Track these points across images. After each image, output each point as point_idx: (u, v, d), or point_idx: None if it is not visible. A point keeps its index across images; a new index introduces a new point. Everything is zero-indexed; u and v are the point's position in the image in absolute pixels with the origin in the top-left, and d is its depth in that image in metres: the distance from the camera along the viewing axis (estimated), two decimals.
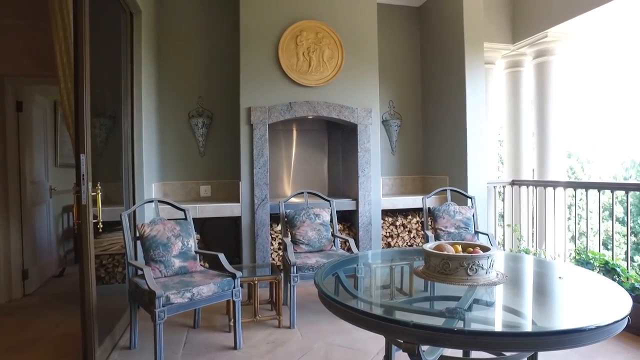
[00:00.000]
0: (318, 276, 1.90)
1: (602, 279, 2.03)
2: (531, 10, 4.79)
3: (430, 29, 5.19)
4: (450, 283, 1.73)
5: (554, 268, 2.52)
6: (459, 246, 1.92)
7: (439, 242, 1.97)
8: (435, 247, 1.87)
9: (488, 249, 1.83)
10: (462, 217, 3.88)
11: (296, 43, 4.30)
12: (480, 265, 1.73)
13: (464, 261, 1.72)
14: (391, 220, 4.76)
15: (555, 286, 2.11)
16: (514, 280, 2.05)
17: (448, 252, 1.81)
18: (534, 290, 2.02)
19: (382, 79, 5.16)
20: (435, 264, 1.79)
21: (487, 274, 1.75)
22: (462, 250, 1.91)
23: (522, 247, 4.51)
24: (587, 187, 3.89)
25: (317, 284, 1.78)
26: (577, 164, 18.50)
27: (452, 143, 4.76)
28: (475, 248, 1.86)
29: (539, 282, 2.20)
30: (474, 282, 1.71)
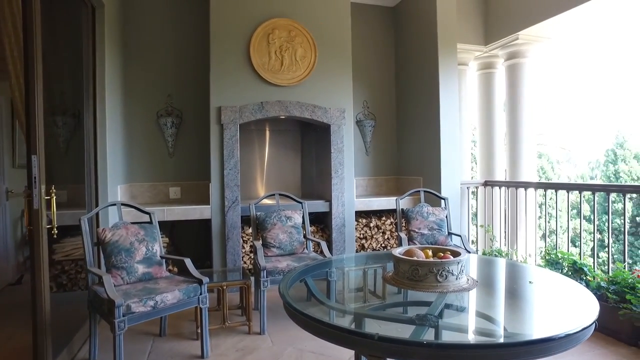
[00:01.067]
0: (283, 284, 1.82)
1: (570, 283, 2.02)
2: (502, 12, 4.83)
3: (405, 29, 5.17)
4: (419, 290, 1.68)
5: (525, 272, 2.51)
6: (429, 251, 1.88)
7: (409, 246, 1.92)
8: (405, 252, 1.82)
9: (458, 253, 1.79)
10: (435, 218, 3.86)
11: (268, 41, 4.20)
12: (450, 271, 1.68)
13: (433, 267, 1.67)
14: (365, 222, 4.72)
15: (525, 291, 2.10)
16: (485, 286, 2.02)
17: (418, 257, 1.76)
18: (504, 295, 2.00)
19: (357, 79, 5.11)
20: (405, 270, 1.73)
21: (457, 279, 1.71)
22: (432, 255, 1.86)
23: (495, 247, 4.54)
24: (557, 188, 3.93)
25: (281, 294, 1.69)
26: (548, 164, 19.03)
27: (425, 144, 4.75)
28: (445, 253, 1.81)
29: (509, 287, 2.18)
30: (444, 288, 1.67)
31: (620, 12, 4.07)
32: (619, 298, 3.04)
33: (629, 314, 2.84)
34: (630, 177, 18.43)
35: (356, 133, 5.18)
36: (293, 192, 4.96)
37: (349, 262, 3.10)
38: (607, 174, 19.17)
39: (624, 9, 3.96)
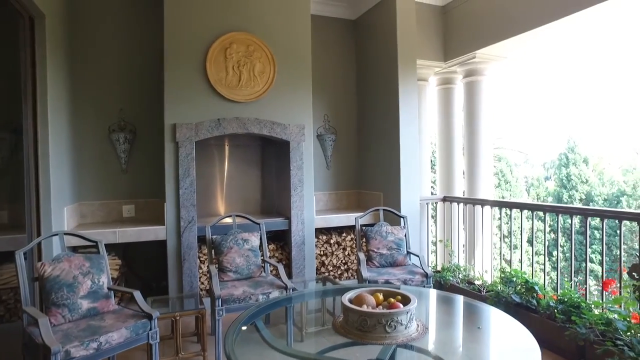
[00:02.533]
0: (229, 341, 1.74)
1: (517, 327, 2.01)
2: (461, 31, 4.91)
3: (366, 43, 5.18)
4: (368, 341, 1.65)
5: (476, 313, 2.51)
6: (380, 294, 1.86)
7: (360, 289, 1.89)
8: (355, 298, 1.79)
9: (408, 299, 1.78)
10: (394, 237, 3.88)
11: (225, 56, 4.09)
12: (399, 321, 1.67)
13: (382, 318, 1.65)
14: (325, 238, 4.69)
15: (473, 337, 2.11)
16: (434, 332, 2.02)
17: (368, 304, 1.74)
18: (452, 343, 2.01)
19: (317, 92, 5.07)
20: (354, 320, 1.70)
21: (406, 329, 1.69)
22: (383, 299, 1.84)
23: (454, 262, 4.62)
24: (511, 207, 4.03)
25: (228, 356, 1.61)
26: (507, 167, 19.71)
27: (385, 159, 4.77)
28: (396, 298, 1.80)
29: (457, 334, 2.19)
30: (392, 339, 1.65)
31: (570, 34, 4.22)
32: (565, 317, 3.14)
33: (574, 333, 2.94)
34: (580, 179, 19.39)
35: (317, 147, 5.14)
36: (254, 208, 4.88)
37: (304, 298, 3.07)
38: (560, 177, 20.08)
39: (574, 31, 4.11)
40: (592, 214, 3.28)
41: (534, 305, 3.41)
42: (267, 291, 3.18)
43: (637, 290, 3.02)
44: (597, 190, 19.17)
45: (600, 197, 18.96)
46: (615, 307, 2.98)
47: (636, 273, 3.02)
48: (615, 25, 3.98)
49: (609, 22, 3.85)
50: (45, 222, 3.28)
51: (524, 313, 3.39)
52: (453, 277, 4.29)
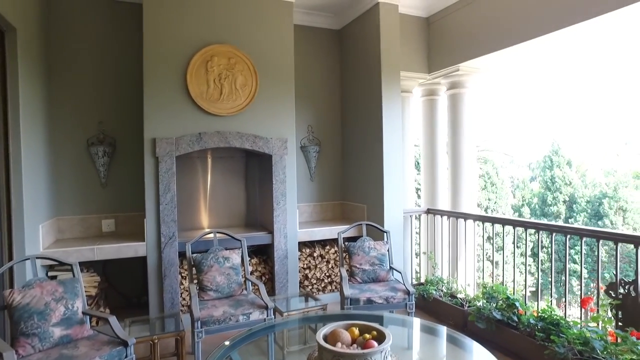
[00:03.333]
0: None
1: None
2: (444, 44, 4.92)
3: (350, 53, 5.16)
4: None
5: (458, 348, 2.49)
6: (355, 329, 1.83)
7: (335, 324, 1.86)
8: (330, 334, 1.77)
9: (384, 336, 1.76)
10: (377, 253, 3.86)
11: (207, 69, 4.03)
12: None
13: (355, 358, 1.63)
14: (309, 252, 4.66)
15: None
16: None
17: (342, 340, 1.71)
18: None
19: (301, 103, 5.04)
20: (328, 359, 1.68)
21: None
22: (358, 334, 1.82)
23: (437, 274, 4.62)
24: (493, 222, 4.05)
25: None
26: (493, 170, 19.90)
27: (369, 171, 4.76)
28: (371, 334, 1.78)
29: None
30: None
31: (552, 48, 4.26)
32: (545, 335, 3.16)
33: (553, 352, 2.95)
34: (563, 181, 19.66)
35: (300, 159, 5.11)
36: (238, 221, 4.83)
37: (284, 328, 3.03)
38: (544, 179, 20.34)
39: (555, 45, 4.14)
40: (572, 232, 3.31)
41: (515, 321, 3.42)
42: (248, 311, 3.13)
43: (613, 308, 3.06)
44: (580, 192, 19.47)
45: (583, 199, 19.26)
46: (592, 326, 3.00)
47: (613, 291, 3.06)
48: (595, 39, 4.02)
49: (589, 36, 3.88)
50: (17, 242, 3.19)
51: (505, 330, 3.41)
52: (436, 290, 4.30)
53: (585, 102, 29.48)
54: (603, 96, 29.10)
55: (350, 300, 3.40)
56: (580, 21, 3.42)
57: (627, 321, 2.99)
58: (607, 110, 27.78)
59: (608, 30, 3.69)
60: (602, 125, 27.46)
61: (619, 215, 18.33)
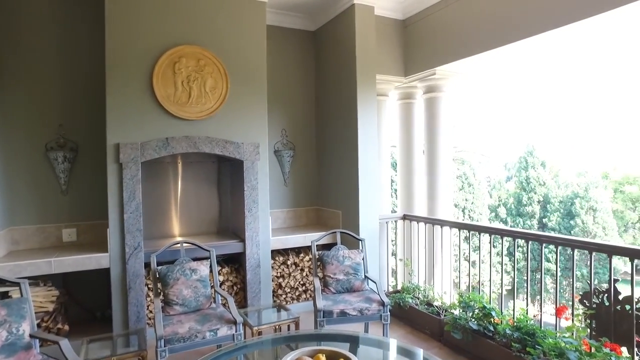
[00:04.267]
0: None
1: None
2: (420, 47, 4.86)
3: (325, 55, 5.04)
4: None
5: None
6: (322, 356, 1.72)
7: (299, 353, 1.74)
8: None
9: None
10: (351, 262, 3.76)
11: (174, 71, 3.85)
12: None
13: None
14: (282, 259, 4.53)
15: None
16: None
17: None
18: None
19: (275, 106, 4.91)
20: None
21: None
22: None
23: (414, 281, 4.55)
24: (469, 229, 3.99)
25: None
26: (470, 170, 20.15)
27: (344, 176, 4.66)
28: None
29: None
30: None
31: (528, 53, 4.24)
32: (521, 346, 3.11)
33: None
34: (538, 182, 20.07)
35: (274, 163, 4.97)
36: (210, 228, 4.65)
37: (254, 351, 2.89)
38: (520, 180, 20.73)
39: (532, 50, 4.12)
40: (547, 240, 3.27)
41: (491, 331, 3.37)
42: (215, 327, 2.98)
43: (588, 318, 3.03)
44: (554, 192, 19.91)
45: (556, 199, 19.70)
46: (567, 337, 2.96)
47: (587, 301, 3.03)
48: (569, 44, 4.01)
49: (563, 42, 3.87)
50: None
51: (481, 340, 3.35)
52: (412, 298, 4.22)
53: (559, 104, 30.25)
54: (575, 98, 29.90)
55: (324, 313, 3.28)
56: (554, 28, 3.40)
57: (600, 331, 2.97)
58: (579, 112, 28.56)
59: (580, 36, 3.68)
60: (574, 126, 28.21)
61: (589, 215, 18.82)
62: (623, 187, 24.23)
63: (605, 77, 26.44)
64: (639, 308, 2.74)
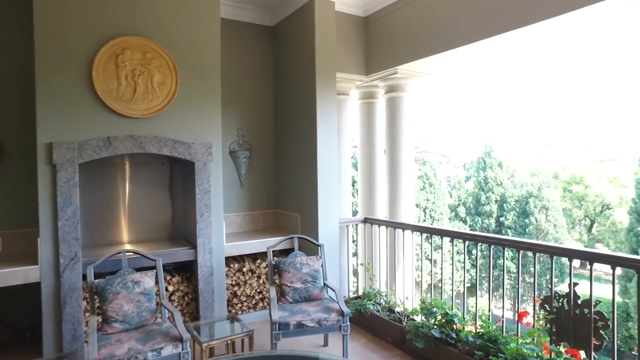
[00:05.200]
0: None
1: None
2: (382, 46, 4.74)
3: (284, 52, 4.83)
4: None
5: None
6: None
7: None
8: None
9: None
10: (309, 269, 3.56)
11: (117, 64, 3.51)
12: None
13: None
14: (238, 267, 4.27)
15: None
16: None
17: None
18: None
19: (230, 104, 4.65)
20: None
21: None
22: None
23: (375, 287, 4.42)
24: (431, 233, 3.91)
25: None
26: (431, 170, 20.49)
27: (302, 178, 4.47)
28: None
29: None
30: None
31: (488, 53, 4.20)
32: (484, 353, 3.03)
33: None
34: (495, 182, 20.69)
35: (229, 165, 4.71)
36: (162, 234, 4.33)
37: None
38: (478, 180, 21.30)
39: (492, 51, 4.08)
40: (508, 244, 3.21)
41: (453, 339, 3.27)
42: (159, 346, 2.71)
43: (548, 322, 2.98)
44: (510, 192, 20.57)
45: (512, 199, 20.37)
46: (529, 343, 2.90)
47: (548, 305, 2.98)
48: (528, 46, 4.00)
49: (523, 42, 3.85)
50: None
51: (444, 349, 3.25)
52: (374, 304, 4.09)
53: (515, 105, 31.43)
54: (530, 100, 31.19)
55: (279, 325, 3.07)
56: (512, 29, 3.36)
57: (560, 335, 2.93)
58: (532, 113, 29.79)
59: (537, 37, 3.67)
60: (528, 127, 29.39)
61: (542, 214, 19.56)
62: (571, 186, 25.51)
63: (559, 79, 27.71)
64: (596, 312, 2.70)
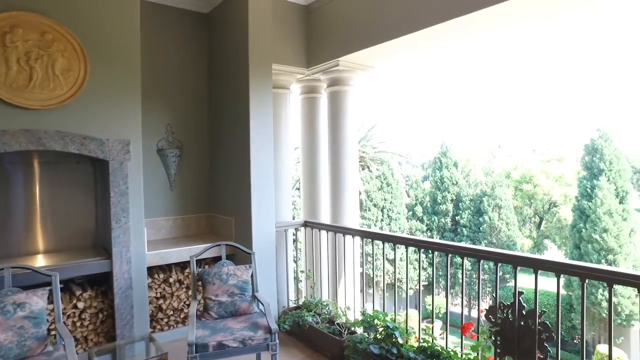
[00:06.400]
0: None
1: None
2: (324, 36, 4.43)
3: (218, 41, 4.42)
4: None
5: None
6: None
7: None
8: None
9: None
10: (236, 280, 3.18)
11: (4, 44, 2.98)
12: None
13: None
14: (164, 277, 3.83)
15: None
16: None
17: None
18: None
19: (158, 98, 4.21)
20: None
21: None
22: None
23: (317, 296, 4.10)
24: (374, 238, 3.62)
25: None
26: (388, 170, 20.52)
27: (235, 178, 4.09)
28: None
29: None
30: None
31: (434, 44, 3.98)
32: None
33: None
34: (451, 181, 21.02)
35: (157, 164, 4.25)
36: (84, 241, 3.84)
37: None
38: (435, 179, 21.58)
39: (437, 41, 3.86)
40: (452, 251, 2.97)
41: (394, 354, 2.99)
42: None
43: (493, 335, 2.76)
44: (465, 191, 20.96)
45: (467, 198, 20.76)
46: (473, 358, 2.67)
47: (492, 316, 2.75)
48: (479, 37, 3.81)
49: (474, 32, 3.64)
50: None
51: None
52: (313, 316, 3.76)
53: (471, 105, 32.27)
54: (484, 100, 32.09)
55: (197, 347, 2.67)
56: (457, 15, 3.12)
57: (505, 348, 2.71)
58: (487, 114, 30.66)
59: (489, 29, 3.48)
60: (482, 128, 30.24)
61: (495, 212, 20.04)
62: (522, 185, 26.44)
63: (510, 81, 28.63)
64: (541, 322, 2.49)
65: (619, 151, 18.07)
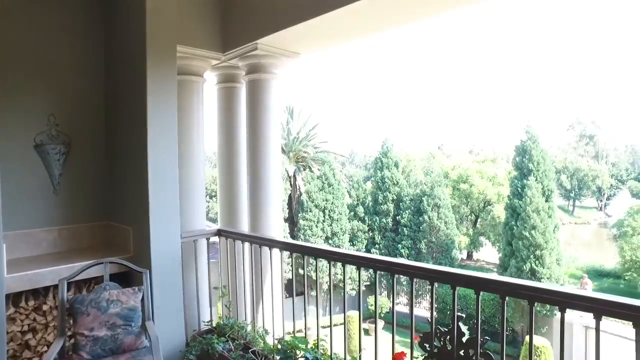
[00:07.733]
0: None
1: None
2: (241, 16, 3.86)
3: (116, 19, 3.70)
4: None
5: None
6: None
7: None
8: None
9: None
10: (120, 308, 2.54)
11: None
12: None
13: None
14: (35, 304, 3.07)
15: None
16: None
17: None
18: None
19: (37, 82, 3.46)
20: None
21: None
22: None
23: (235, 317, 3.52)
24: (303, 253, 3.10)
25: None
26: (330, 171, 20.24)
27: (133, 180, 3.41)
28: None
29: None
30: None
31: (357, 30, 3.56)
32: None
33: None
34: (392, 181, 21.15)
35: (34, 163, 3.46)
36: None
37: None
38: (376, 179, 21.62)
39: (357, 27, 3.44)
40: (382, 267, 2.54)
41: None
42: None
43: None
44: (406, 191, 21.16)
45: (407, 197, 20.96)
46: None
47: (428, 344, 2.33)
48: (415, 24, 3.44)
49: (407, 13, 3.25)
50: None
51: None
52: (226, 341, 3.19)
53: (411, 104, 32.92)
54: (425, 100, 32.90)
55: None
56: None
57: None
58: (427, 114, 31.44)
59: None
60: (423, 128, 30.98)
61: (434, 212, 20.39)
62: (459, 185, 27.34)
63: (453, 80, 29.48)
64: (483, 353, 2.10)
65: (544, 152, 19.07)
